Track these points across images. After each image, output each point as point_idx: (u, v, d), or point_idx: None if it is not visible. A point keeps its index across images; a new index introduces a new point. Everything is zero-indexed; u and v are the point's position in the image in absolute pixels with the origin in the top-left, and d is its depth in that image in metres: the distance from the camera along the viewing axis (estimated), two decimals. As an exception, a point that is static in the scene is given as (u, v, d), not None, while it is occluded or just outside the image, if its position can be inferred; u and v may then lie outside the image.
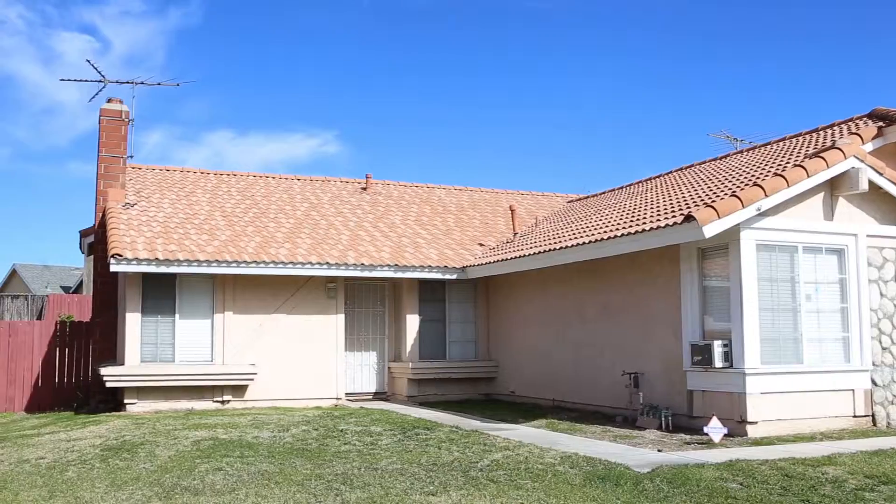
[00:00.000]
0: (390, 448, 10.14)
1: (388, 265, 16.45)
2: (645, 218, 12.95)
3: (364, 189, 21.50)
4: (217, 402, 15.50)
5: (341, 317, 16.91)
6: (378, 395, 17.74)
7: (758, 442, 10.47)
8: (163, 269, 14.64)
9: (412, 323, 17.52)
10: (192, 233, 16.21)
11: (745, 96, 57.88)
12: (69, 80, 18.96)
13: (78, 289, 38.43)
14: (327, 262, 15.89)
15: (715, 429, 10.43)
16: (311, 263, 15.74)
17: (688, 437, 11.03)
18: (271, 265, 15.44)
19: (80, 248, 23.11)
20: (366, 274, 16.38)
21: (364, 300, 17.90)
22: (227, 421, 12.87)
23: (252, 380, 15.69)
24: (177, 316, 15.54)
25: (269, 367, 15.96)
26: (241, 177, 20.95)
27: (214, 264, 14.99)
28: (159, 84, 19.09)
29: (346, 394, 17.04)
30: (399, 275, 16.63)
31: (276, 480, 8.14)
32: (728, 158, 16.60)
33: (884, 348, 12.17)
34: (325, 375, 16.57)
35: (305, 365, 16.37)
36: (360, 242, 17.41)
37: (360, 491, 7.62)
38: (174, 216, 17.05)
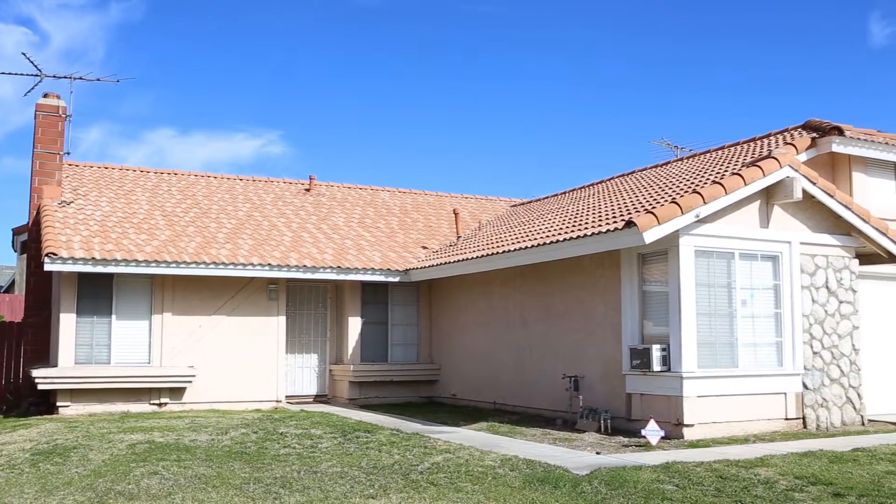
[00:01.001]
0: (330, 451, 10.08)
1: (331, 267, 16.35)
2: (587, 223, 13.10)
3: (307, 190, 21.35)
4: (154, 404, 15.20)
5: (282, 319, 16.74)
6: (319, 398, 17.62)
7: (694, 444, 10.68)
8: (99, 269, 14.32)
9: (354, 325, 17.45)
10: (130, 232, 15.89)
11: (689, 102, 59.04)
12: (4, 73, 18.47)
13: (10, 288, 37.35)
14: (269, 264, 15.72)
15: (652, 431, 10.61)
16: (252, 264, 15.57)
17: (626, 439, 11.19)
18: (212, 266, 15.22)
19: (13, 246, 22.45)
20: (308, 276, 16.25)
21: (306, 302, 17.77)
22: (164, 424, 12.65)
23: (190, 382, 15.44)
24: (113, 317, 15.21)
25: (208, 369, 15.72)
26: (183, 176, 20.61)
27: (153, 264, 14.72)
28: (98, 80, 18.66)
29: (287, 396, 16.88)
30: (342, 277, 16.54)
31: (214, 484, 8.02)
32: (668, 165, 16.92)
33: (815, 353, 12.52)
34: (266, 378, 16.38)
35: (245, 367, 16.17)
36: (303, 244, 17.27)
37: (299, 494, 7.56)
38: (112, 215, 16.69)
